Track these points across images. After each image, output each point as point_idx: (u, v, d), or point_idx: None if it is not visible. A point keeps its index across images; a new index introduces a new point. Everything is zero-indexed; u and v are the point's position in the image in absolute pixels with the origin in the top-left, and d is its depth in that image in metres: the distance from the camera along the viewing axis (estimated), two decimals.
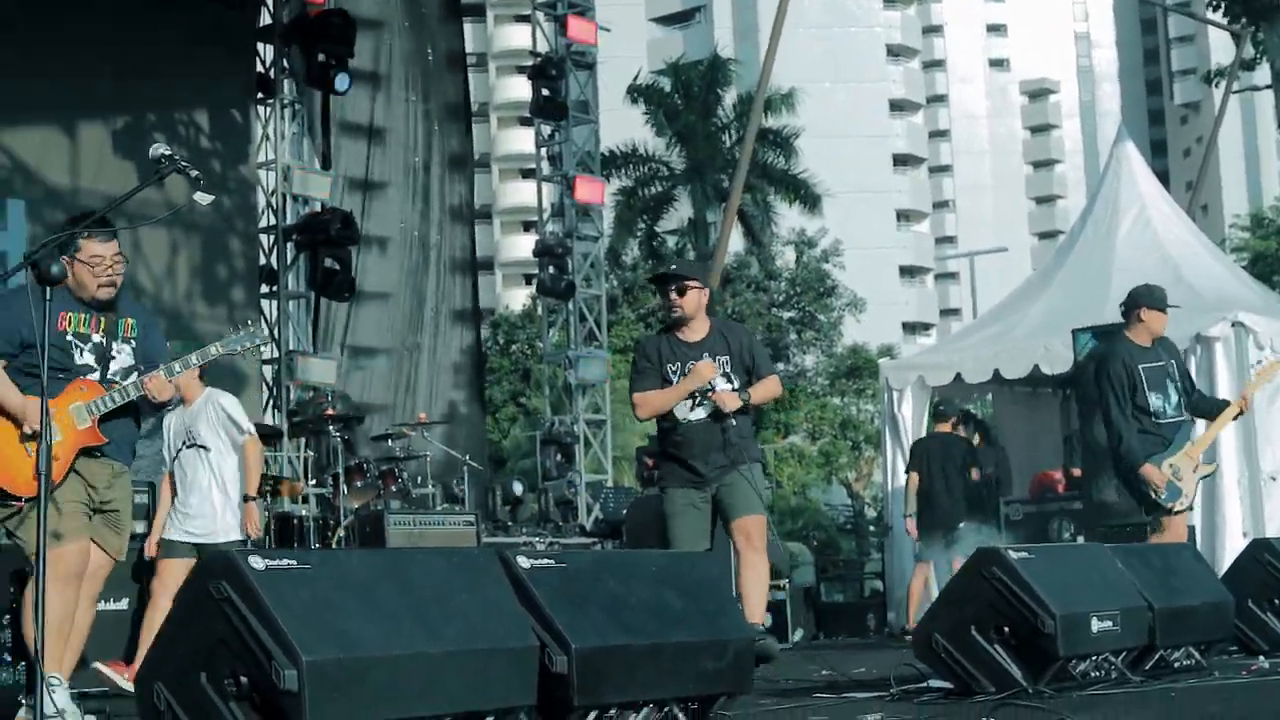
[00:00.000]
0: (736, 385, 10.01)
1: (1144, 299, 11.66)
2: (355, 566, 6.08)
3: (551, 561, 6.64)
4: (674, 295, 10.08)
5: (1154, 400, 11.39)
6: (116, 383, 8.12)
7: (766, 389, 10.21)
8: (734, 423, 9.91)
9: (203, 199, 7.77)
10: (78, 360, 8.08)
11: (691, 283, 10.11)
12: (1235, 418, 12.23)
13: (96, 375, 8.12)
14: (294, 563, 5.84)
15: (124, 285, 8.24)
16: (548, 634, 6.30)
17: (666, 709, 6.68)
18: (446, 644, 5.97)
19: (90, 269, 7.99)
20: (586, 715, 6.38)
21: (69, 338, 8.05)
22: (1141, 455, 11.18)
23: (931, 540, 16.66)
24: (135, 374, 8.16)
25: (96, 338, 8.14)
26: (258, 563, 5.70)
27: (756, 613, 9.71)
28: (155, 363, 8.22)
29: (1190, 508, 11.69)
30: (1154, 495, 11.24)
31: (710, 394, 9.94)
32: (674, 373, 10.01)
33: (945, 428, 17.66)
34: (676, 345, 10.10)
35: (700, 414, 9.99)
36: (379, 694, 5.69)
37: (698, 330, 10.14)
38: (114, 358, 8.22)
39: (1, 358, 7.96)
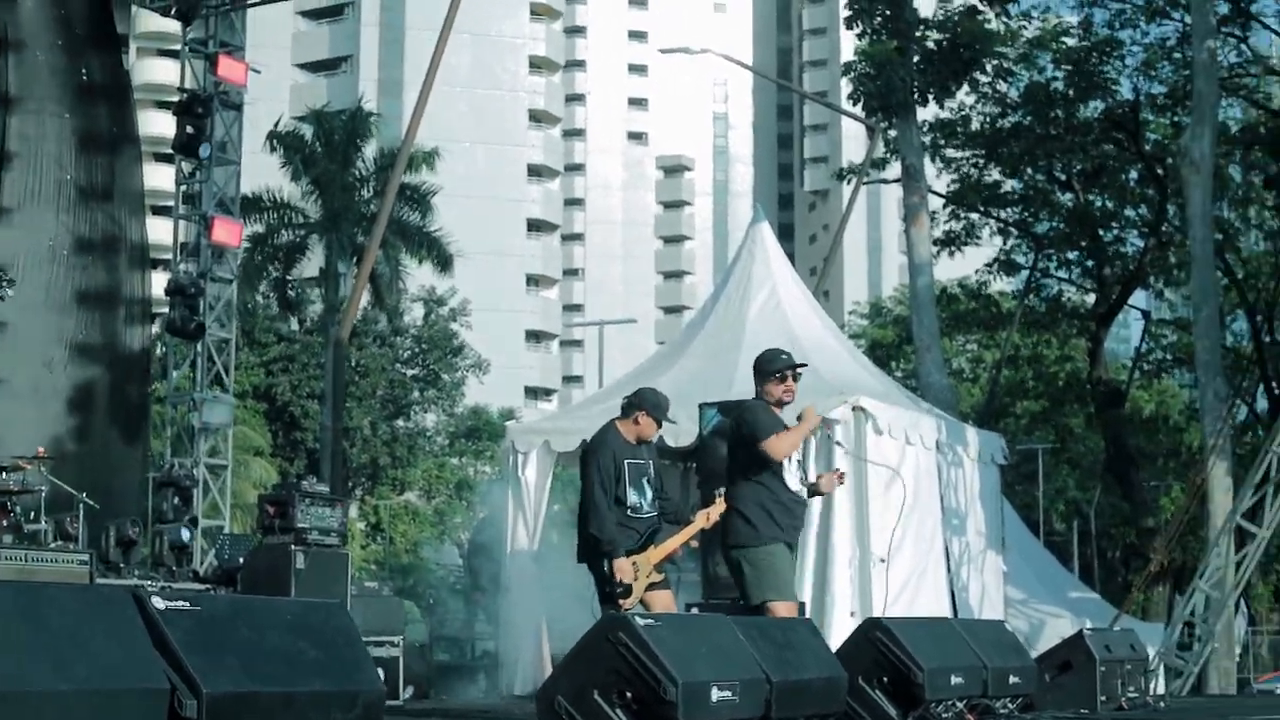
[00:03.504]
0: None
1: (648, 404, 11.83)
2: None
3: (187, 604, 6.54)
4: (793, 383, 11.51)
5: (632, 495, 11.59)
6: None
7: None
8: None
9: None
10: None
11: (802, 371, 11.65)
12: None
13: None
14: None
15: None
16: (179, 677, 6.20)
17: None
18: (76, 682, 5.82)
19: None
20: None
21: None
22: (621, 548, 11.33)
23: None
24: None
25: None
26: None
27: None
28: None
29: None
30: (614, 589, 11.36)
31: (820, 479, 11.87)
32: None
33: None
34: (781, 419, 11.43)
35: (804, 493, 11.54)
36: None
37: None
38: None
39: None
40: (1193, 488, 24.90)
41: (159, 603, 6.41)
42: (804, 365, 11.46)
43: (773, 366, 11.54)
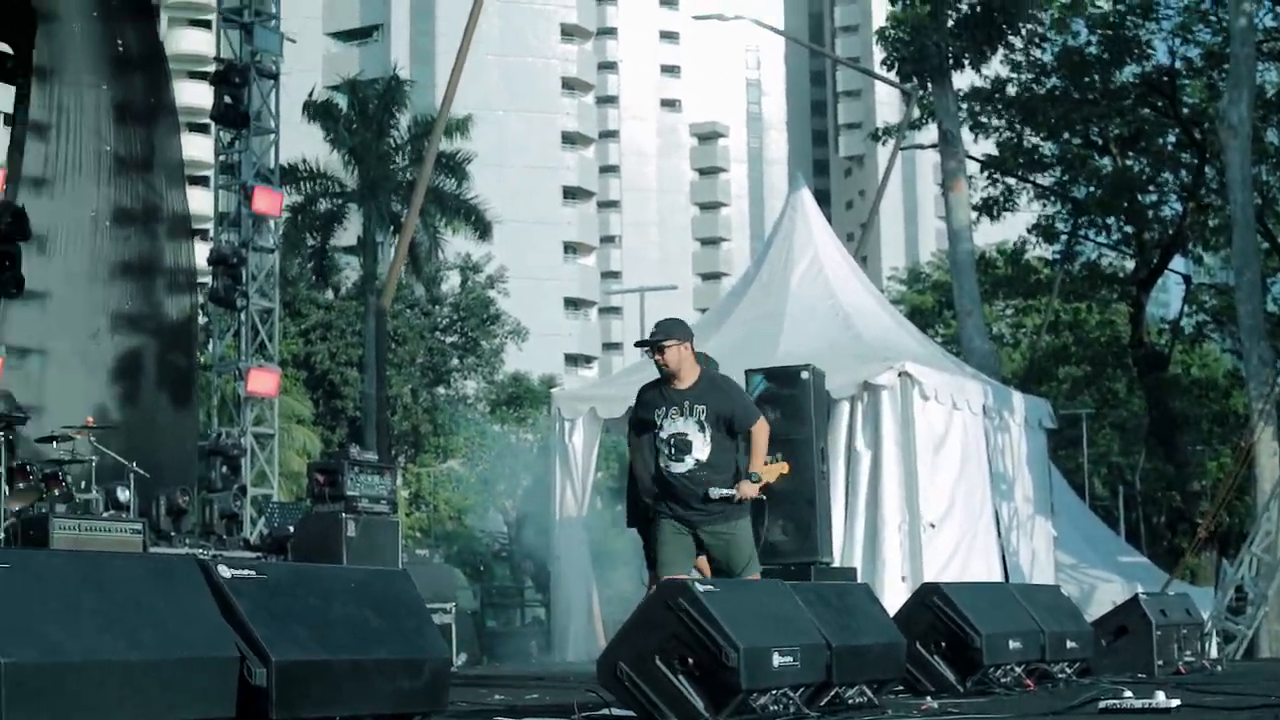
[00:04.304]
0: (710, 433, 10.51)
1: None
2: (55, 569, 5.90)
3: (253, 573, 6.53)
4: (656, 356, 10.65)
5: None
6: None
7: (758, 446, 10.69)
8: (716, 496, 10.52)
9: None
10: None
11: (668, 342, 10.59)
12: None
13: None
14: None
15: None
16: (248, 646, 6.19)
17: None
18: (145, 652, 5.82)
19: None
20: None
21: None
22: None
23: None
24: None
25: None
26: None
27: None
28: None
29: None
30: None
31: (738, 486, 10.48)
32: (660, 416, 10.61)
33: None
34: (667, 392, 10.67)
35: (680, 468, 10.53)
36: (76, 702, 5.52)
37: (686, 379, 10.67)
38: None
39: None
40: (1240, 453, 24.77)
41: (225, 571, 6.41)
42: (651, 341, 10.79)
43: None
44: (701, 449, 10.49)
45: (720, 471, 10.54)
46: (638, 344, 10.97)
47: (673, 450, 10.55)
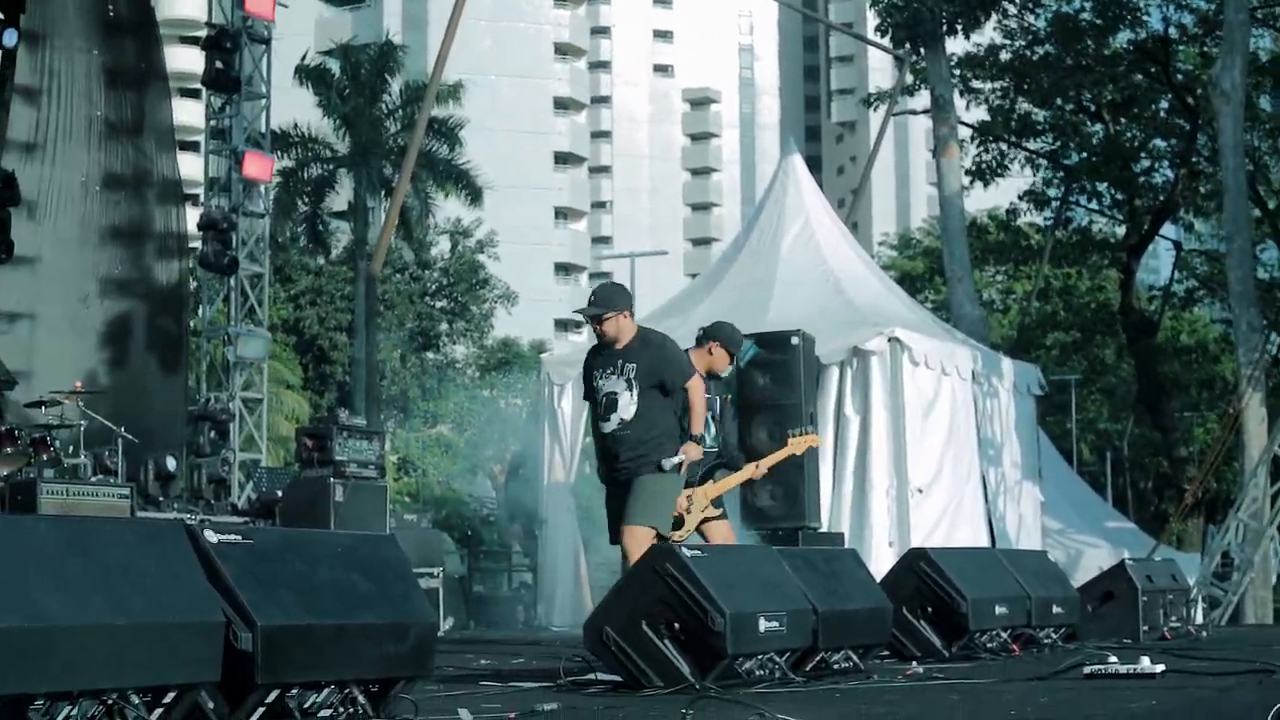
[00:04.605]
0: (637, 391, 10.69)
1: (723, 336, 11.92)
2: (41, 533, 5.91)
3: (239, 537, 6.53)
4: (596, 326, 10.89)
5: None
6: None
7: (694, 405, 10.84)
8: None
9: None
10: None
11: (607, 315, 10.80)
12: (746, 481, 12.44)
13: None
14: None
15: None
16: (233, 610, 6.20)
17: (347, 690, 6.64)
18: (131, 617, 5.81)
19: None
20: (268, 694, 6.31)
21: None
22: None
23: None
24: None
25: None
26: None
27: None
28: None
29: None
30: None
31: (684, 448, 10.71)
32: (598, 377, 10.86)
33: None
34: (605, 353, 10.89)
35: (608, 427, 10.77)
36: (61, 665, 5.52)
37: (624, 340, 10.87)
38: None
39: None
40: (1228, 419, 24.83)
41: (212, 536, 6.41)
42: (588, 313, 10.93)
43: None
44: (627, 407, 10.65)
45: (649, 430, 10.64)
46: (576, 312, 11.16)
47: (603, 409, 10.77)
